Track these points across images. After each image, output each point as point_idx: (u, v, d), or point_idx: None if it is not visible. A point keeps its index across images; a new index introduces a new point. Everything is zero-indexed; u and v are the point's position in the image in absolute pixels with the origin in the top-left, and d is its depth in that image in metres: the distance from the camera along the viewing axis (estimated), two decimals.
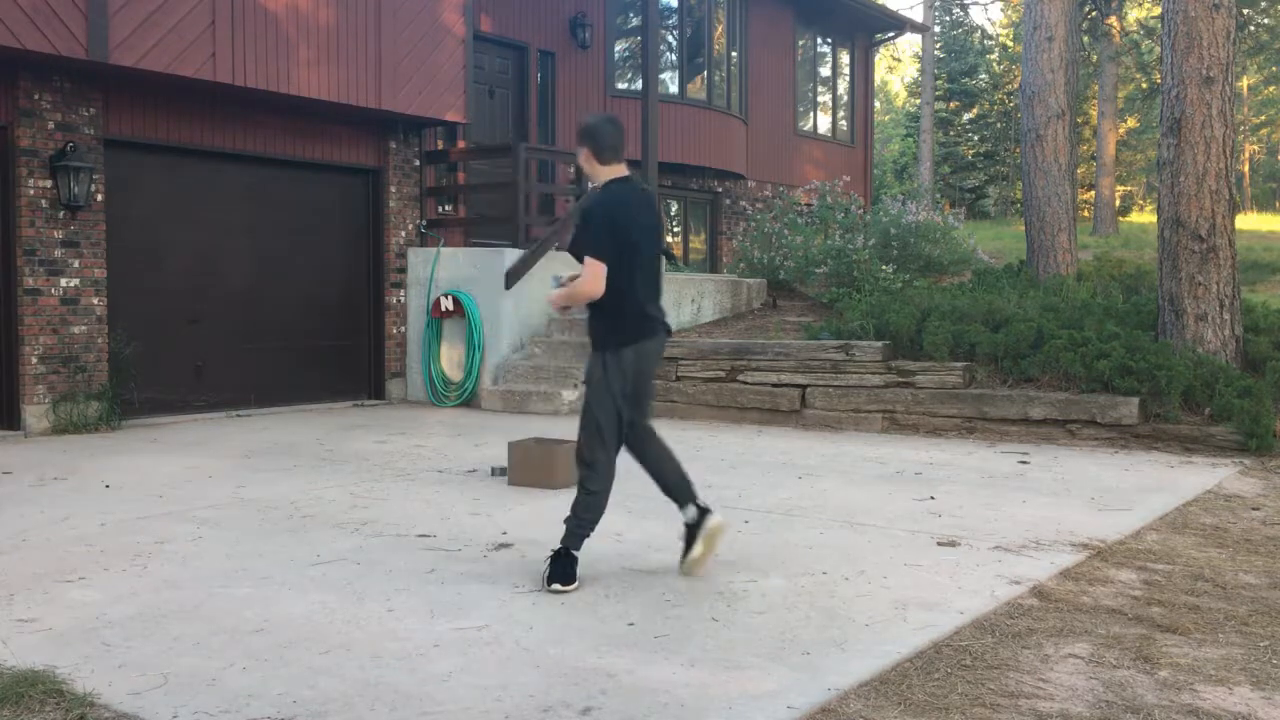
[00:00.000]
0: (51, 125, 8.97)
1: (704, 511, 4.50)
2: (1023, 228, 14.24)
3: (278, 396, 10.82)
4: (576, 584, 4.29)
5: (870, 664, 3.48)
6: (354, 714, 3.06)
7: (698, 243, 17.16)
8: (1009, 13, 37.91)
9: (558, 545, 4.39)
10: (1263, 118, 41.49)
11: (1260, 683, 3.38)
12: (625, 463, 4.54)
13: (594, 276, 4.25)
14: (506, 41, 13.46)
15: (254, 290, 10.69)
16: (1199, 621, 3.97)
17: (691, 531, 4.51)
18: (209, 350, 10.31)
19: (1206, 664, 3.53)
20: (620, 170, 4.37)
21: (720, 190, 17.03)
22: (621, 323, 4.35)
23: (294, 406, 10.90)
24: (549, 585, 4.27)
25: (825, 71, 20.04)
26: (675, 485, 4.56)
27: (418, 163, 11.97)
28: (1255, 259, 17.01)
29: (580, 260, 4.32)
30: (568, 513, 4.42)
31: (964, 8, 37.11)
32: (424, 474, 7.05)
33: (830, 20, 19.32)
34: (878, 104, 34.99)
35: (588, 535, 4.42)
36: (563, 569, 4.30)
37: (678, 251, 16.54)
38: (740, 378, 9.88)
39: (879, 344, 9.40)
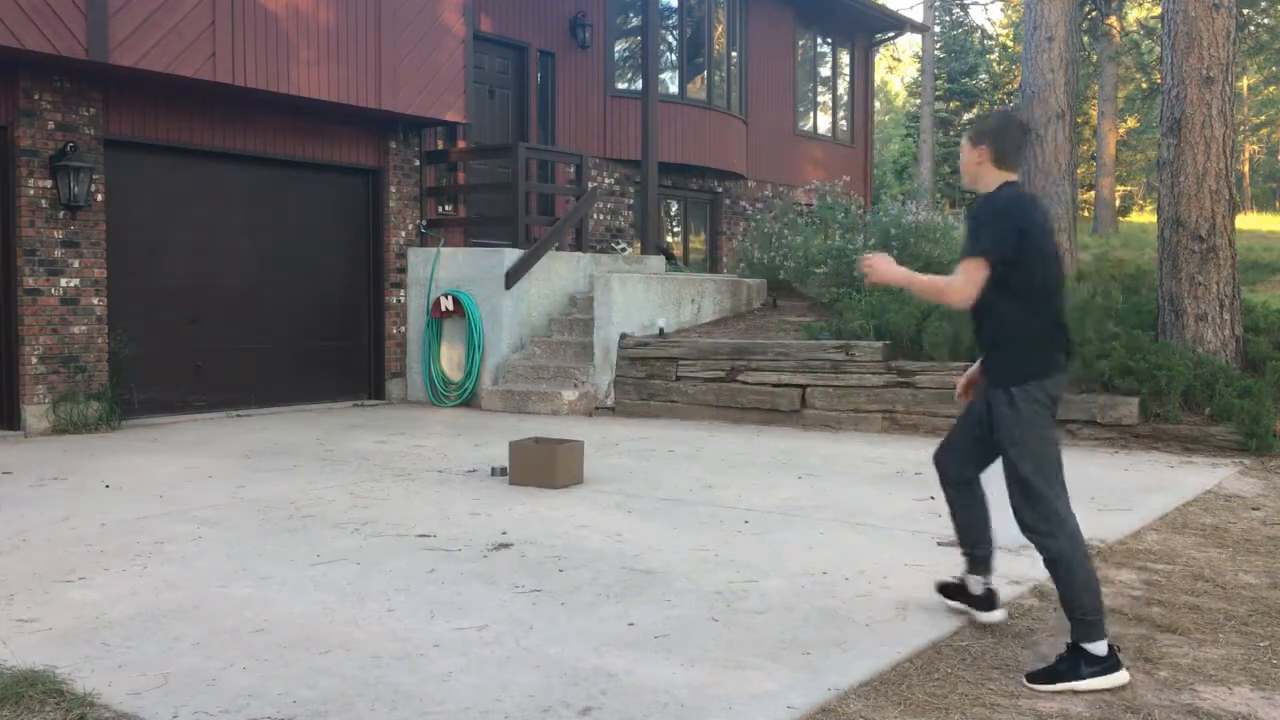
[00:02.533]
0: (51, 125, 8.96)
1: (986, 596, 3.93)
2: None
3: (278, 396, 10.82)
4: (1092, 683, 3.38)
5: (870, 664, 3.48)
6: (354, 714, 3.06)
7: (698, 243, 17.16)
8: (1009, 13, 37.91)
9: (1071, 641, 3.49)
10: (1263, 118, 41.47)
11: (1260, 683, 3.38)
12: (627, 461, 4.53)
13: (967, 278, 3.56)
14: (506, 41, 13.46)
15: (254, 290, 10.69)
16: (1199, 621, 3.97)
17: (957, 592, 4.03)
18: (209, 350, 10.31)
19: (1206, 664, 3.53)
20: (1013, 177, 3.73)
21: (720, 190, 17.02)
22: (1028, 350, 3.61)
23: (294, 406, 10.90)
24: (1052, 683, 3.37)
25: (825, 71, 20.04)
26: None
27: (418, 163, 11.97)
28: (1255, 259, 17.01)
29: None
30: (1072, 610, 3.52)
31: (964, 8, 37.08)
32: (424, 474, 7.05)
33: (830, 20, 19.32)
34: (878, 104, 35.00)
35: (1099, 619, 3.45)
36: (1070, 665, 3.39)
37: (678, 251, 16.55)
38: (740, 378, 9.88)
39: (879, 344, 9.40)
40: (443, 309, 11.32)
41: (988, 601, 3.95)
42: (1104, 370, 8.32)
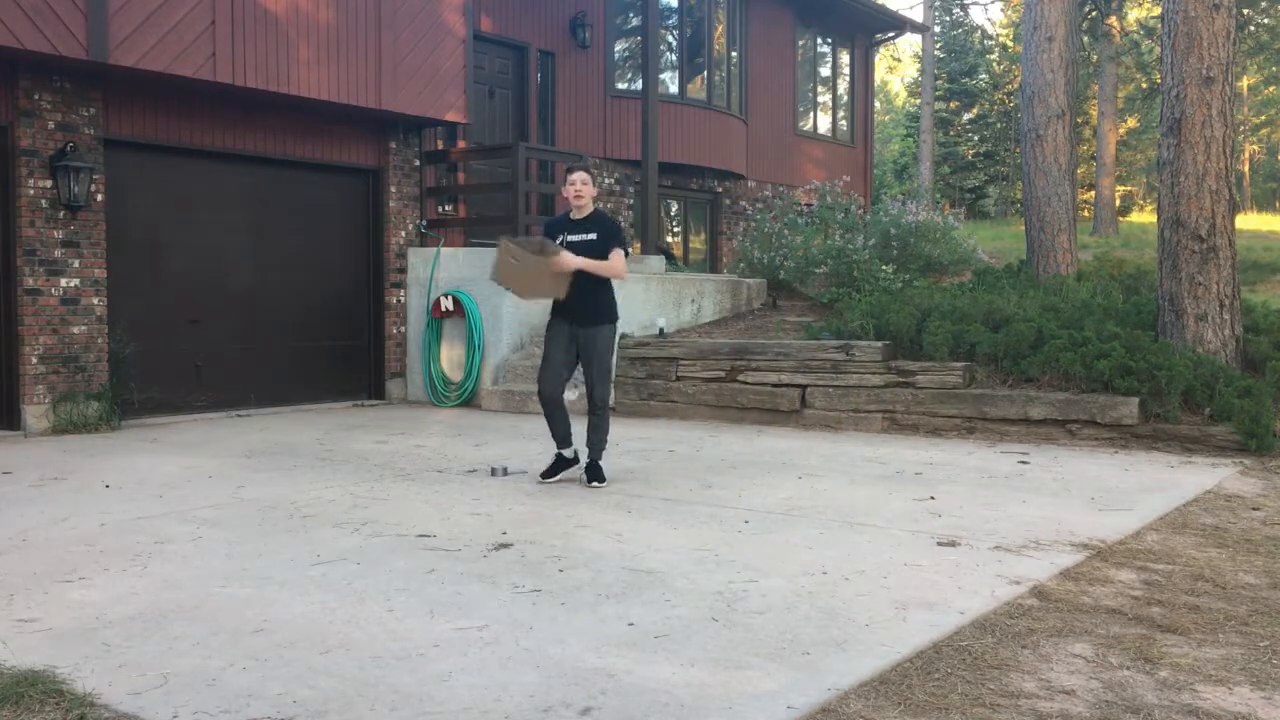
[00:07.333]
0: (51, 125, 8.97)
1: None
2: (1023, 228, 14.24)
3: (278, 396, 10.82)
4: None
5: (870, 664, 3.48)
6: (354, 714, 3.06)
7: (698, 243, 17.16)
8: (1009, 13, 37.91)
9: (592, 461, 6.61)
10: (1263, 118, 41.48)
11: (1260, 683, 3.38)
12: (627, 461, 4.53)
13: (626, 263, 6.50)
14: (506, 41, 13.46)
15: (254, 290, 10.69)
16: (1199, 621, 3.97)
17: (557, 469, 6.73)
18: (209, 350, 10.31)
19: (1206, 664, 3.53)
20: None
21: (720, 190, 17.02)
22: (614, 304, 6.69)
23: (294, 406, 10.90)
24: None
25: (825, 71, 20.04)
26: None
27: (418, 163, 11.97)
28: (1255, 259, 17.00)
29: (606, 255, 6.42)
30: (596, 436, 6.61)
31: (964, 8, 37.11)
32: (424, 474, 7.05)
33: (830, 20, 19.32)
34: (878, 104, 34.99)
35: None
36: (603, 473, 6.62)
37: (678, 251, 16.54)
38: (740, 378, 9.88)
39: (879, 344, 9.40)
40: (443, 309, 11.32)
41: (575, 459, 6.69)
42: (1104, 370, 8.32)
